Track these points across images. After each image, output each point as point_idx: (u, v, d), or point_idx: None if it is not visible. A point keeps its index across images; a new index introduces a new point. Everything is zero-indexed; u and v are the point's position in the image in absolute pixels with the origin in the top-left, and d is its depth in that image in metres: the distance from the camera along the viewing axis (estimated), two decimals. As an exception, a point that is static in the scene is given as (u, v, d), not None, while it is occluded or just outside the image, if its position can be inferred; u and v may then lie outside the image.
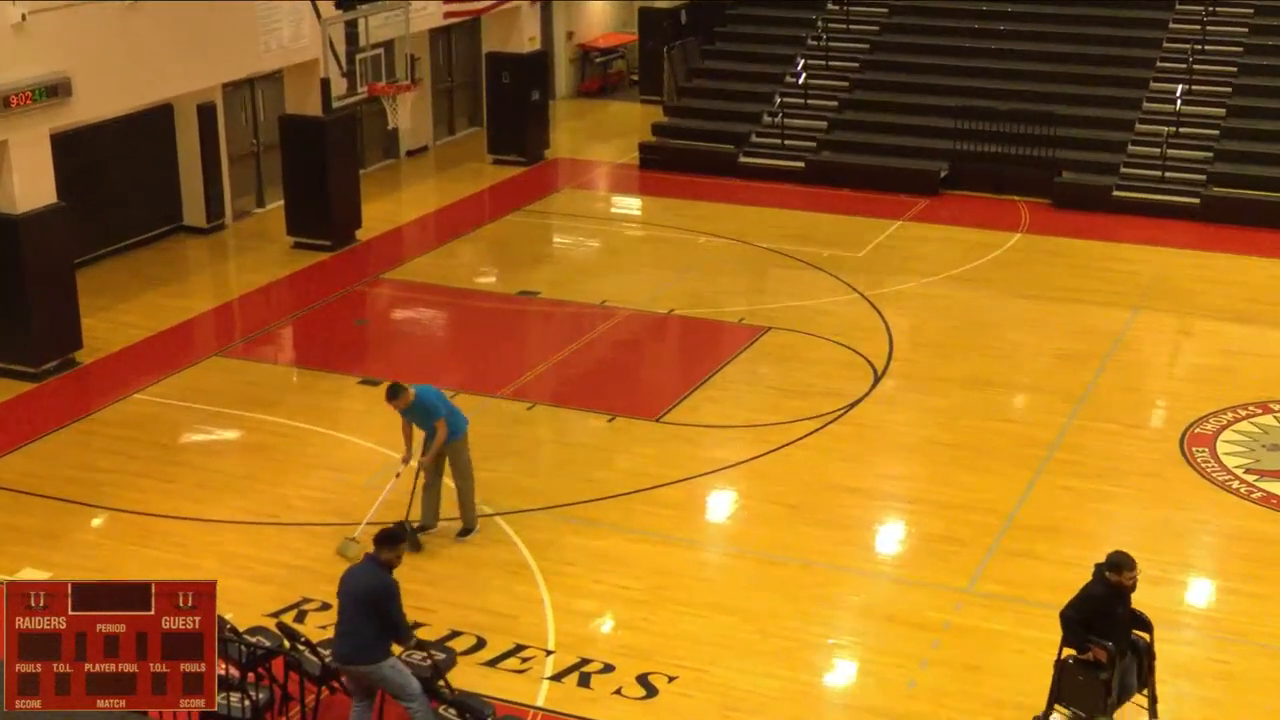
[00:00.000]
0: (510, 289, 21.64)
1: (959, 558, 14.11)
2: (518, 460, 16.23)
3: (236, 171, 24.39)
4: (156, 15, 19.49)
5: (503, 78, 28.01)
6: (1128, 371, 18.63)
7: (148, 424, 17.06)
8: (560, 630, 12.62)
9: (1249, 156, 24.94)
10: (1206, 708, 11.87)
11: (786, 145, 27.10)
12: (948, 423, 17.08)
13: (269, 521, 14.78)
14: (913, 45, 28.72)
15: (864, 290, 21.12)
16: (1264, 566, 14.00)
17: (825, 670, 12.69)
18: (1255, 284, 21.62)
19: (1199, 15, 27.41)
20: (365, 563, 10.91)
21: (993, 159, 25.94)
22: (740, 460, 16.14)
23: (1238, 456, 16.11)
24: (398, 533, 11.24)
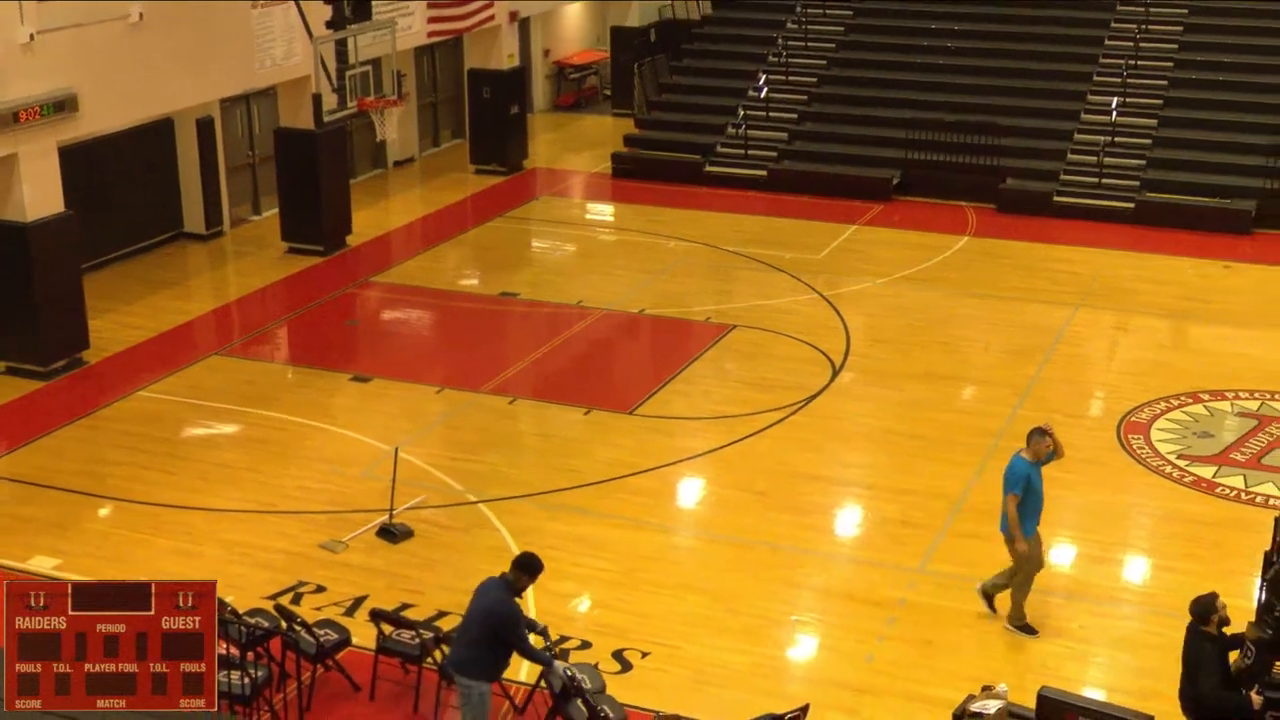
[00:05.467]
0: (492, 290, 21.60)
1: (913, 540, 14.14)
2: (500, 452, 16.19)
3: (234, 181, 24.29)
4: (158, 34, 19.42)
5: (484, 93, 27.99)
6: (1069, 365, 18.69)
7: (152, 420, 16.97)
8: (541, 610, 12.60)
9: (1179, 164, 25.03)
10: (1144, 677, 11.91)
11: (749, 155, 27.10)
12: (902, 414, 17.12)
13: (267, 510, 14.72)
14: (867, 61, 28.75)
15: (823, 290, 21.15)
16: (1195, 545, 14.08)
17: (789, 645, 12.70)
18: (1186, 283, 21.71)
19: (1132, 33, 27.50)
20: (498, 580, 10.35)
21: (941, 167, 25.99)
22: (709, 450, 16.14)
23: (1171, 443, 16.18)
24: (537, 564, 10.38)
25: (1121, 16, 28.09)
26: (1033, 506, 12.20)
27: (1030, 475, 12.15)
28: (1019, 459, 12.29)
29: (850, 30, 29.60)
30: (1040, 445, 12.30)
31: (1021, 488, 12.08)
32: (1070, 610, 12.96)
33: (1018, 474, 12.16)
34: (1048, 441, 12.35)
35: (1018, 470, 12.19)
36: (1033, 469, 12.21)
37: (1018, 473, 12.17)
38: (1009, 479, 12.20)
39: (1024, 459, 12.26)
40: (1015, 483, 12.13)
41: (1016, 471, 12.19)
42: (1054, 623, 12.73)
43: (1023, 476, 12.13)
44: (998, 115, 26.24)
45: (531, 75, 31.86)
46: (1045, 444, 12.34)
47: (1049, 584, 13.50)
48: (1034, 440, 12.33)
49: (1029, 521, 12.24)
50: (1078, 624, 12.74)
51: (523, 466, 15.81)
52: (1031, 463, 12.23)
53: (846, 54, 29.08)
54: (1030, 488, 12.13)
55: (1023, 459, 12.27)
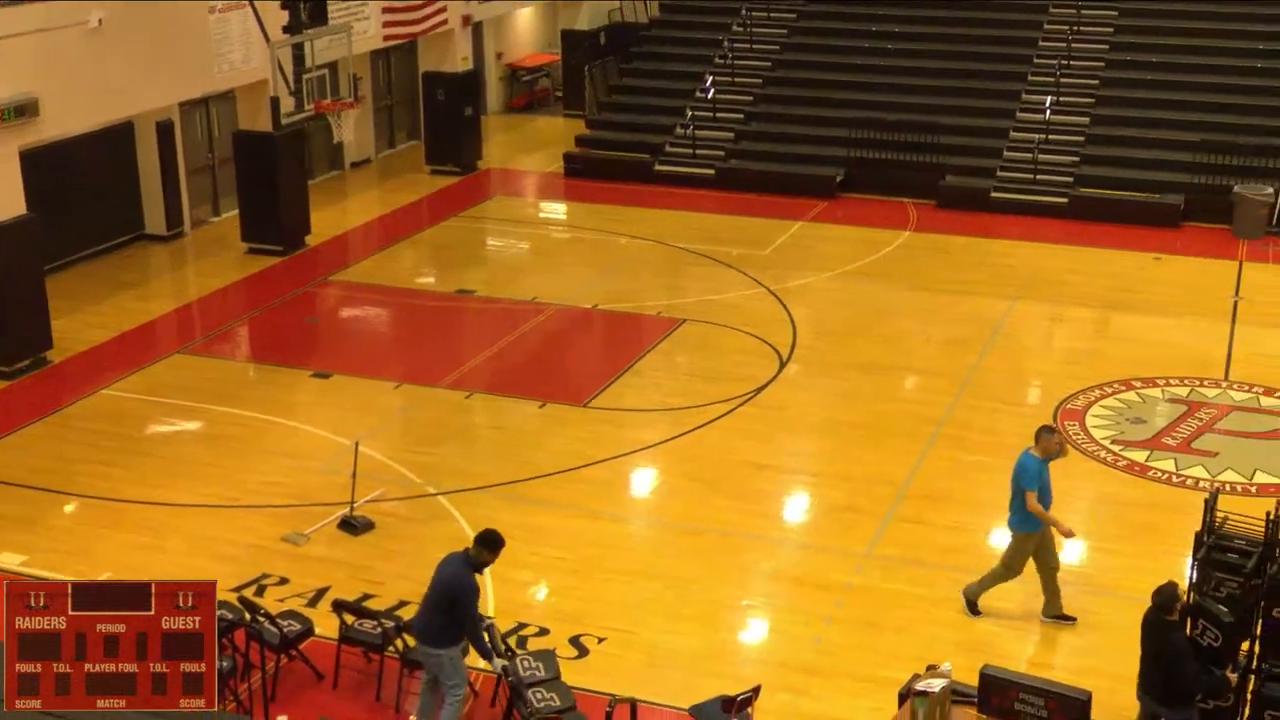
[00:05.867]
0: (448, 288, 21.53)
1: (858, 525, 14.20)
2: (458, 444, 16.16)
3: (194, 183, 24.08)
4: (118, 40, 19.24)
5: (438, 95, 27.89)
6: (1007, 355, 18.82)
7: (115, 417, 16.82)
8: (499, 598, 12.59)
9: (1111, 160, 25.25)
10: (1082, 655, 12.02)
11: (698, 154, 27.12)
12: (847, 403, 17.19)
13: (230, 505, 14.62)
14: (810, 63, 28.81)
15: (770, 285, 21.20)
16: (1129, 528, 14.21)
17: (740, 629, 12.74)
18: (1118, 274, 21.88)
19: (1065, 34, 27.71)
20: (460, 555, 10.49)
21: (883, 165, 26.09)
22: (660, 440, 16.16)
23: (1105, 429, 16.32)
24: (498, 540, 10.46)
25: (1054, 19, 28.30)
26: (1042, 503, 12.12)
27: (1042, 472, 12.06)
28: (1029, 456, 12.17)
29: (793, 32, 29.67)
30: (1049, 442, 12.21)
31: (1036, 484, 11.98)
32: (1011, 592, 13.03)
33: (1030, 471, 12.04)
34: (1056, 439, 12.31)
35: (1029, 468, 12.07)
36: (1042, 466, 12.11)
37: (1030, 470, 12.05)
38: (1023, 476, 12.07)
39: (1034, 456, 12.15)
40: (1031, 479, 12.00)
41: (1029, 469, 12.07)
42: (996, 604, 12.81)
43: (1035, 473, 12.03)
44: (937, 114, 26.37)
45: (485, 78, 31.76)
46: (1054, 441, 12.28)
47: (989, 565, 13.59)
48: (1043, 438, 12.24)
49: (1037, 517, 12.17)
50: (1017, 604, 12.83)
51: (480, 459, 15.78)
52: (1041, 459, 12.13)
53: (790, 55, 29.15)
54: (1041, 484, 12.04)
55: (1032, 456, 12.16)
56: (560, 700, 10.55)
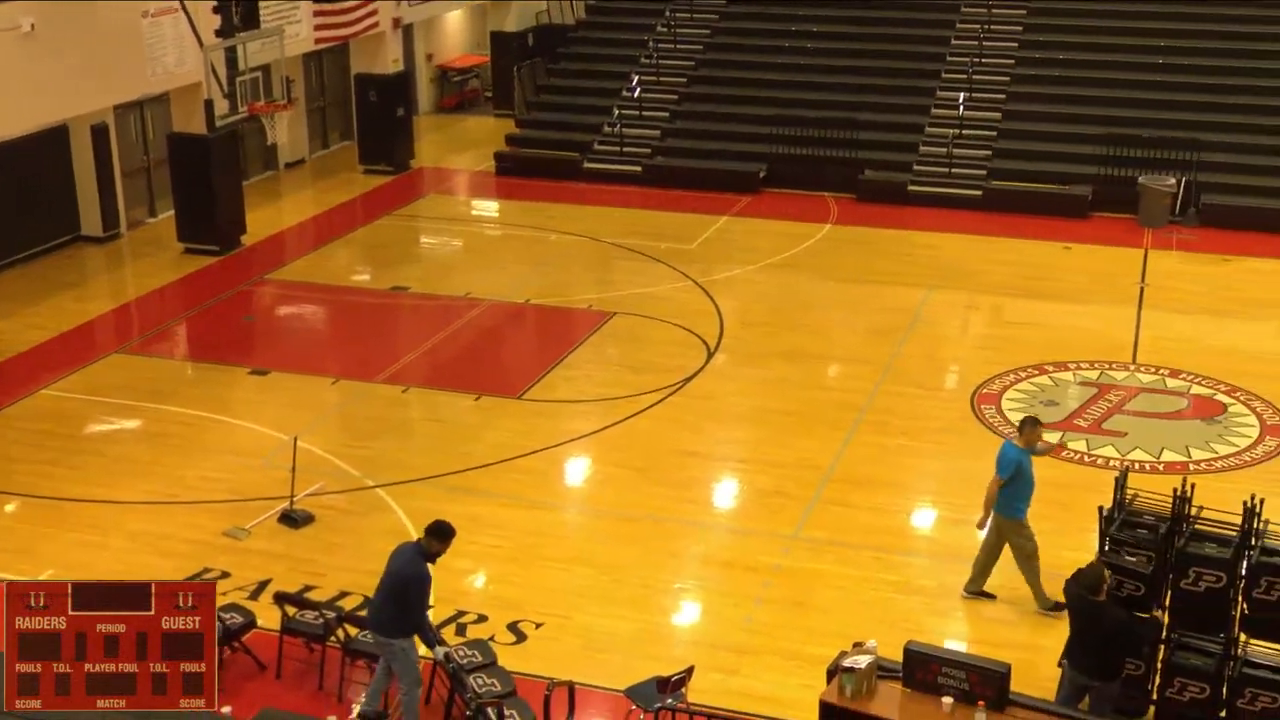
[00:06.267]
0: (383, 285, 21.39)
1: (785, 509, 14.29)
2: (395, 438, 16.08)
3: (129, 185, 23.74)
4: (50, 44, 18.93)
5: (370, 96, 27.71)
6: (925, 342, 18.99)
7: (56, 417, 16.57)
8: (439, 586, 12.48)
9: (1022, 154, 25.53)
10: (1002, 628, 12.18)
11: (625, 152, 27.12)
12: (773, 391, 17.28)
13: (171, 501, 14.46)
14: (733, 62, 28.88)
15: (697, 278, 21.25)
16: (1045, 506, 14.28)
17: (673, 611, 12.78)
18: (1030, 263, 22.15)
19: (976, 33, 27.98)
20: (413, 545, 10.49)
21: (804, 160, 26.22)
22: (593, 430, 16.16)
23: (1020, 412, 16.38)
24: (448, 530, 10.44)
25: (966, 18, 28.56)
26: (1024, 491, 12.08)
27: (1021, 461, 12.03)
28: (1010, 445, 12.18)
29: (716, 32, 29.74)
30: (1033, 434, 12.22)
31: (1011, 472, 11.96)
32: (931, 569, 13.19)
33: (1009, 459, 12.03)
34: (1039, 431, 12.31)
35: (1009, 456, 12.06)
36: (1023, 455, 12.10)
37: (1009, 458, 12.04)
38: (1001, 463, 12.06)
39: (1015, 446, 12.17)
40: (1006, 467, 11.99)
41: (1008, 457, 12.05)
42: (918, 581, 12.96)
43: (1013, 462, 12.00)
44: (855, 111, 26.54)
45: (416, 79, 31.55)
46: (1038, 433, 12.28)
47: (911, 545, 13.77)
48: (1026, 429, 12.25)
49: (1020, 504, 12.16)
50: (937, 581, 12.97)
51: (417, 451, 15.71)
52: (1023, 449, 12.14)
53: (714, 55, 29.21)
54: (1021, 473, 12.02)
55: (1014, 446, 12.17)
56: (500, 685, 10.55)
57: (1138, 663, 10.49)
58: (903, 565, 13.21)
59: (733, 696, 11.05)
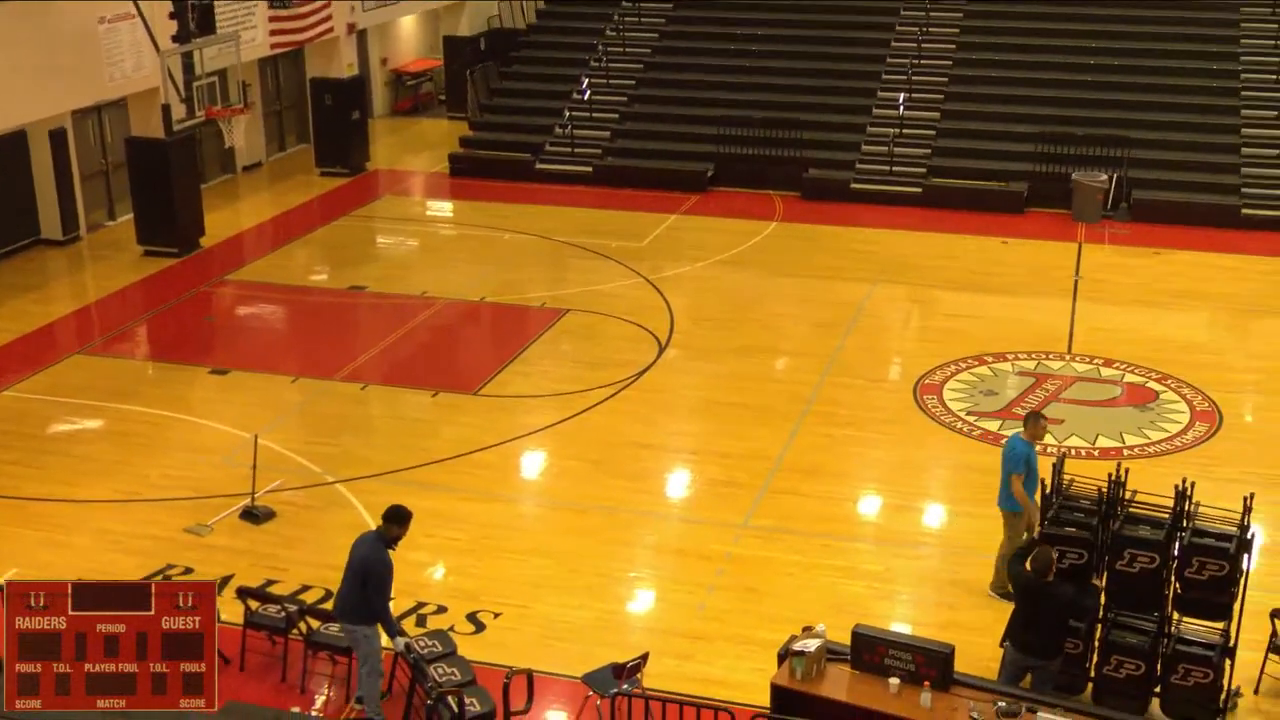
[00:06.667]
0: (341, 284, 21.28)
1: (736, 498, 14.34)
2: (354, 434, 16.00)
3: (88, 188, 23.48)
4: (8, 49, 18.72)
5: (325, 100, 27.53)
6: (869, 335, 19.09)
7: (18, 418, 16.37)
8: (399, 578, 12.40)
9: (960, 152, 25.71)
10: (945, 611, 12.28)
11: (576, 153, 27.09)
12: (723, 384, 17.33)
13: (134, 499, 14.33)
14: (681, 65, 28.90)
15: (647, 275, 21.27)
16: (985, 491, 14.37)
17: (628, 600, 12.80)
18: (969, 258, 22.31)
19: (915, 36, 28.17)
20: (373, 533, 10.59)
21: (750, 160, 26.29)
22: (548, 425, 16.15)
23: (960, 401, 16.65)
24: (404, 513, 10.53)
25: (905, 21, 28.73)
26: (1030, 484, 11.90)
27: (1029, 455, 11.92)
28: (1018, 439, 12.04)
29: (664, 36, 29.76)
30: (1038, 428, 12.14)
31: (1023, 467, 11.83)
32: (878, 555, 13.29)
33: (1018, 454, 11.89)
34: (1044, 424, 12.25)
35: (1018, 450, 11.92)
36: (1030, 449, 11.99)
37: (1018, 452, 11.90)
38: (1011, 459, 11.90)
39: (1023, 439, 12.04)
40: (1018, 462, 11.84)
41: (1017, 451, 11.91)
42: (864, 566, 13.05)
43: (1023, 456, 11.88)
44: (799, 112, 26.63)
45: (370, 83, 31.40)
46: (1042, 426, 12.21)
47: (858, 532, 13.86)
48: (1031, 423, 12.16)
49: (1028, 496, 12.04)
50: (884, 566, 13.07)
51: (376, 447, 15.64)
52: (1028, 442, 12.03)
53: (661, 58, 29.22)
54: (1030, 467, 11.89)
55: (1021, 439, 12.04)
56: (460, 674, 10.55)
57: (1076, 641, 10.61)
58: (850, 551, 13.29)
59: (687, 681, 11.08)
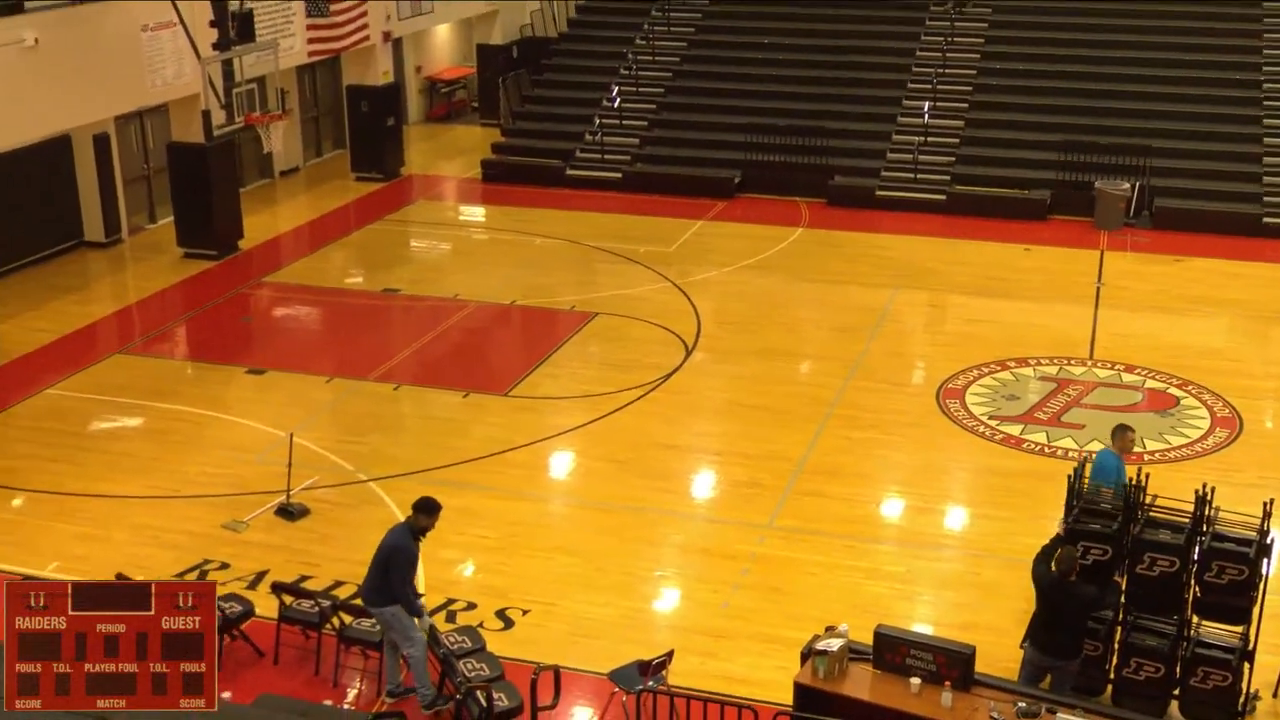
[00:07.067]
0: (375, 287, 21.33)
1: (760, 499, 14.28)
2: (387, 434, 16.01)
3: (130, 192, 23.60)
4: (54, 56, 18.83)
5: (362, 106, 27.60)
6: (892, 340, 19.00)
7: (59, 416, 16.46)
8: (429, 575, 12.49)
9: (983, 160, 25.57)
10: (966, 612, 12.20)
11: (606, 159, 27.08)
12: (748, 387, 17.27)
13: (172, 496, 14.38)
14: (709, 73, 28.86)
15: (675, 279, 21.23)
16: (1006, 495, 14.42)
17: (654, 598, 12.76)
18: (991, 264, 22.18)
19: (940, 45, 28.04)
20: (403, 524, 10.77)
21: (777, 167, 26.21)
22: (576, 425, 16.13)
23: (983, 406, 16.55)
24: (433, 504, 10.65)
25: (930, 30, 28.62)
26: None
27: (1119, 468, 11.55)
28: (1107, 453, 11.75)
29: (693, 45, 29.71)
30: (1125, 439, 11.83)
31: (1115, 479, 11.41)
32: (900, 556, 13.21)
33: (1111, 466, 11.55)
34: (1130, 436, 11.96)
35: (1108, 464, 11.58)
36: (1119, 462, 11.66)
37: (1109, 467, 11.54)
38: (1103, 472, 11.48)
39: (1112, 454, 11.74)
40: (1108, 475, 11.42)
41: (1109, 464, 11.58)
42: (887, 568, 12.97)
43: (1112, 469, 11.53)
44: (825, 120, 26.54)
45: (405, 90, 31.48)
46: (1129, 438, 11.91)
47: (880, 533, 13.77)
48: (1118, 435, 11.86)
49: None
50: (906, 568, 12.99)
51: (408, 446, 15.65)
52: (1118, 455, 11.72)
53: (690, 66, 29.18)
54: (1118, 479, 11.43)
55: (1111, 453, 11.74)
56: (489, 670, 10.53)
57: (1096, 644, 10.51)
58: (873, 552, 13.21)
59: (711, 679, 11.03)
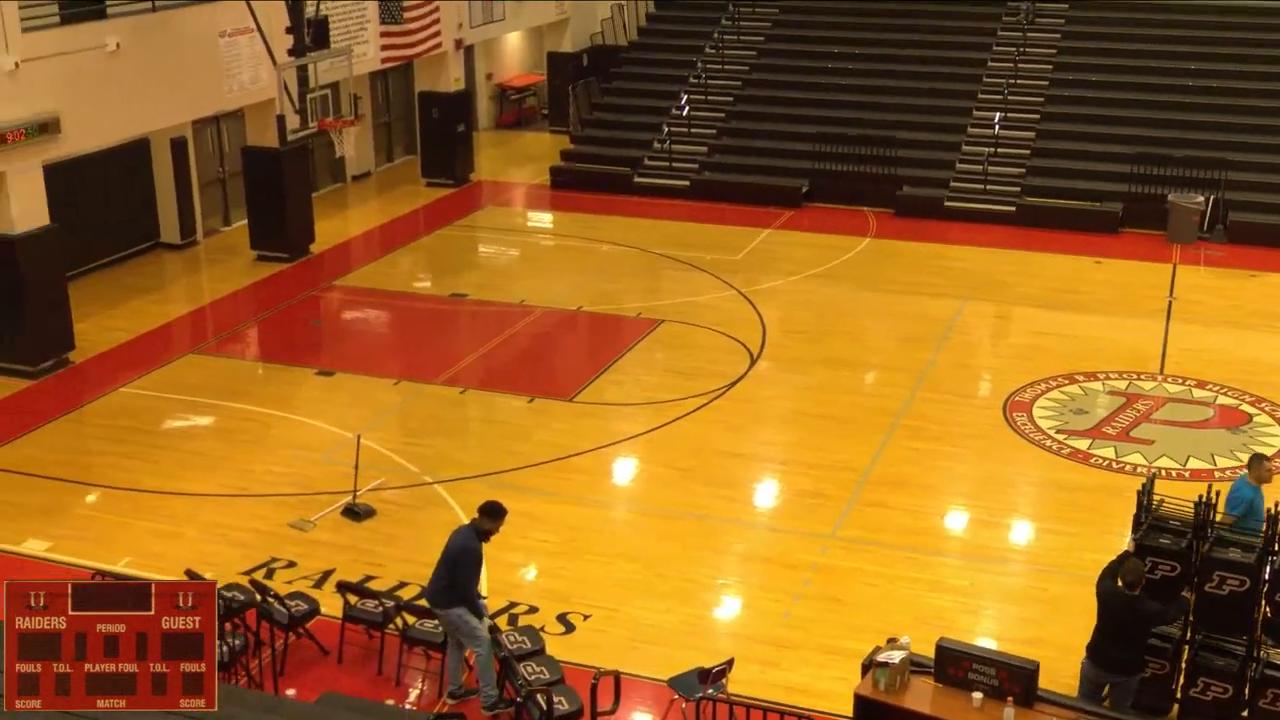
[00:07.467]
0: (443, 291, 21.48)
1: (824, 509, 14.22)
2: (452, 437, 16.13)
3: (205, 195, 23.97)
4: (135, 61, 19.15)
5: (433, 113, 27.81)
6: (959, 351, 18.86)
7: (133, 413, 16.74)
8: (492, 578, 12.56)
9: (1054, 171, 25.30)
10: (1030, 627, 12.07)
11: (674, 167, 27.10)
12: (812, 396, 17.21)
13: (241, 494, 14.57)
14: (778, 82, 28.80)
15: (741, 287, 21.20)
16: (1073, 510, 14.26)
17: (714, 605, 12.74)
18: (1060, 276, 21.95)
19: (1012, 55, 27.79)
20: (468, 525, 10.85)
21: (845, 176, 26.10)
22: (640, 432, 16.15)
23: (1050, 420, 16.37)
24: (498, 509, 10.72)
25: (1002, 41, 28.37)
26: (1251, 526, 11.15)
27: (1254, 499, 11.32)
28: (1243, 483, 11.53)
29: (762, 54, 29.67)
30: (1262, 470, 11.56)
31: (1243, 510, 11.24)
32: (963, 569, 13.10)
33: (1242, 498, 11.34)
34: (1268, 465, 11.67)
35: (1242, 494, 11.38)
36: (1256, 493, 11.42)
37: (1242, 496, 11.35)
38: (1232, 502, 11.33)
39: (1249, 484, 11.51)
40: (1237, 505, 11.29)
41: (1241, 495, 11.38)
42: (950, 581, 12.86)
43: (1245, 500, 11.31)
44: (894, 129, 26.40)
45: (476, 96, 31.68)
46: (1266, 468, 11.62)
47: (944, 546, 13.66)
48: (1255, 465, 11.60)
49: None
50: (969, 581, 12.88)
51: (472, 450, 15.75)
52: (1256, 486, 11.47)
53: (759, 75, 29.13)
54: (1253, 510, 11.28)
55: (1247, 484, 11.51)
56: (549, 673, 10.56)
57: (1163, 662, 10.35)
58: (936, 565, 13.11)
59: (771, 688, 11.00)
